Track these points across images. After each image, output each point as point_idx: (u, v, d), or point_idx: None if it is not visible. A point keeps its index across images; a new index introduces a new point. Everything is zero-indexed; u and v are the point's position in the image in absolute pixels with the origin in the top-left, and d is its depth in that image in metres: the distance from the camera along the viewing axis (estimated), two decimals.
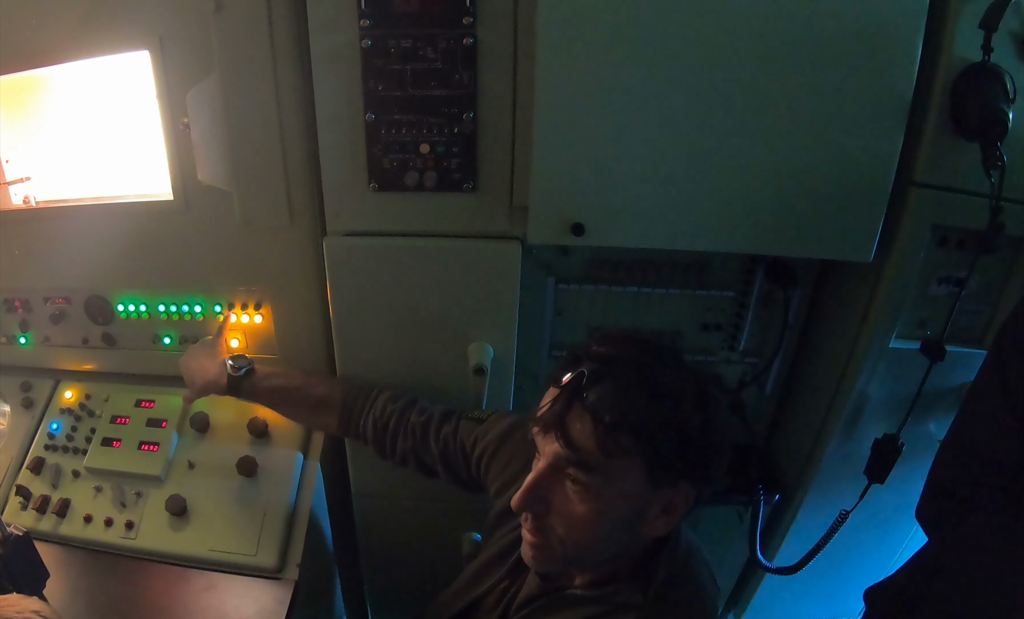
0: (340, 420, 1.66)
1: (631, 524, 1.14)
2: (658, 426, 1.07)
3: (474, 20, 1.41)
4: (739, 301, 1.86)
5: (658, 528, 1.15)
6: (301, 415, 1.76)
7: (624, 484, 1.09)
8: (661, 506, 1.13)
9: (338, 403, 1.66)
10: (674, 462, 1.09)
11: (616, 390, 1.07)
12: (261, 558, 1.65)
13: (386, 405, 1.63)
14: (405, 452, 1.60)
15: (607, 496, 1.10)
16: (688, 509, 1.14)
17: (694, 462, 1.10)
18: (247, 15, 1.45)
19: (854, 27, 1.37)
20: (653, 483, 1.10)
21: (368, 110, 1.47)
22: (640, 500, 1.11)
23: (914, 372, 1.63)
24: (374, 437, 1.63)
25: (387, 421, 1.61)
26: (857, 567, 2.09)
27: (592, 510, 1.11)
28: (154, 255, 1.77)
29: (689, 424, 1.08)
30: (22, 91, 1.75)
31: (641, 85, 1.40)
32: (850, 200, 1.51)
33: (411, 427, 1.59)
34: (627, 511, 1.12)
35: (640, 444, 1.07)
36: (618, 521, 1.13)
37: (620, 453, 1.07)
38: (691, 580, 1.25)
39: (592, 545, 1.17)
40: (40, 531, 1.68)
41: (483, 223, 1.59)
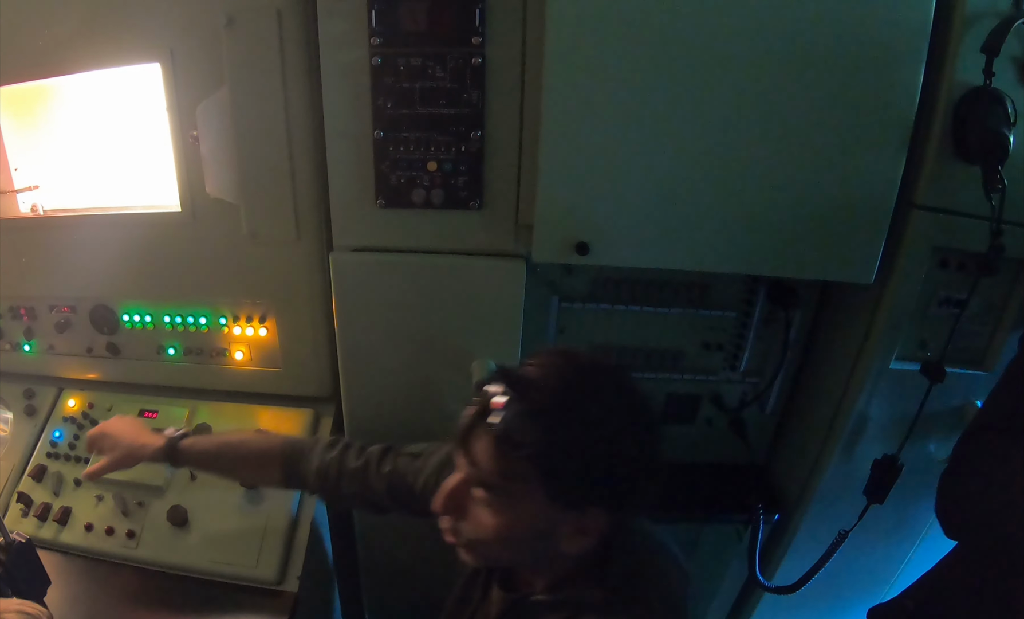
0: (283, 473, 1.58)
1: (544, 541, 1.12)
2: (558, 454, 1.04)
3: (483, 40, 1.43)
4: (741, 321, 1.87)
5: (574, 547, 1.12)
6: (244, 472, 1.67)
7: (525, 505, 1.08)
8: (572, 528, 1.10)
9: (278, 457, 1.59)
10: (577, 490, 1.07)
11: (520, 415, 1.05)
12: (261, 570, 1.66)
13: (324, 454, 1.56)
14: (352, 497, 1.55)
15: (510, 515, 1.10)
16: (608, 530, 1.12)
17: (602, 490, 1.07)
18: (258, 30, 1.47)
19: (857, 50, 1.39)
20: (559, 506, 1.07)
21: (377, 127, 1.49)
22: (546, 521, 1.09)
23: (914, 393, 1.64)
24: (318, 486, 1.57)
25: (327, 470, 1.55)
26: (856, 587, 2.09)
27: (497, 525, 1.11)
28: (160, 266, 1.78)
29: (596, 453, 1.05)
30: (32, 100, 1.77)
31: (646, 107, 1.42)
32: (852, 222, 1.52)
33: (353, 473, 1.54)
34: (532, 530, 1.11)
35: (538, 471, 1.05)
36: (525, 538, 1.12)
37: (517, 477, 1.06)
38: (653, 574, 1.23)
39: (503, 555, 1.19)
40: (41, 539, 1.68)
41: (488, 241, 1.60)
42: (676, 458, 2.08)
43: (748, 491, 1.97)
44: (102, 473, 1.60)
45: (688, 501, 1.99)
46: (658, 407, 2.00)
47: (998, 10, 1.39)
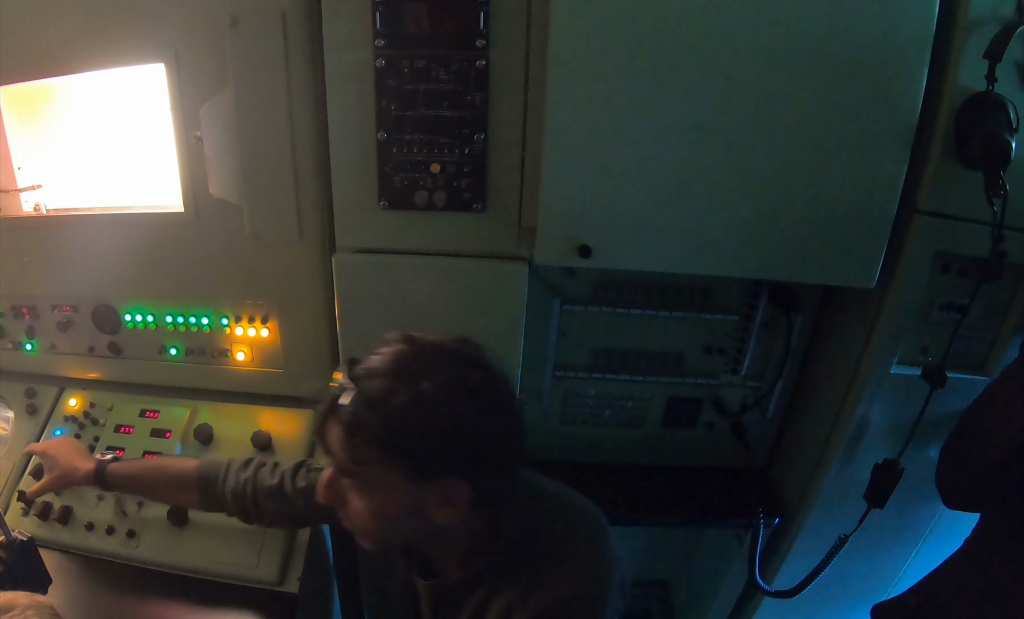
0: (200, 496, 1.59)
1: (417, 517, 1.17)
2: (396, 435, 1.09)
3: (487, 43, 1.43)
4: (742, 325, 1.88)
5: (444, 518, 1.17)
6: (165, 494, 1.66)
7: (384, 485, 1.14)
8: (436, 500, 1.15)
9: (194, 480, 1.60)
10: (424, 465, 1.12)
11: (362, 402, 1.10)
12: (262, 571, 1.66)
13: (238, 475, 1.58)
14: (272, 513, 1.56)
15: (375, 497, 1.16)
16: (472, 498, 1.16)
17: (452, 460, 1.12)
18: (262, 31, 1.48)
19: (860, 55, 1.39)
20: (414, 482, 1.13)
21: (380, 129, 1.49)
22: (409, 497, 1.14)
23: (915, 398, 1.65)
24: (236, 507, 1.58)
25: (243, 490, 1.56)
26: (856, 592, 2.09)
27: (369, 508, 1.17)
28: (163, 266, 1.79)
29: (434, 428, 1.10)
30: (36, 99, 1.77)
31: (649, 110, 1.42)
32: (854, 227, 1.52)
33: (269, 490, 1.55)
34: (402, 508, 1.16)
35: (383, 452, 1.10)
36: (396, 516, 1.18)
37: (368, 461, 1.12)
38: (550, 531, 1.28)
39: (386, 534, 1.23)
40: (42, 538, 1.66)
41: (491, 243, 1.60)
42: (677, 462, 2.09)
43: (749, 495, 1.98)
44: (39, 494, 1.68)
45: (689, 505, 2.00)
46: (656, 410, 2.01)
47: (1001, 16, 1.39)
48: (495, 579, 1.26)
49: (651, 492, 2.01)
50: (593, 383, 1.95)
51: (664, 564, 2.55)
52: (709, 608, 2.28)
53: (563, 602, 1.20)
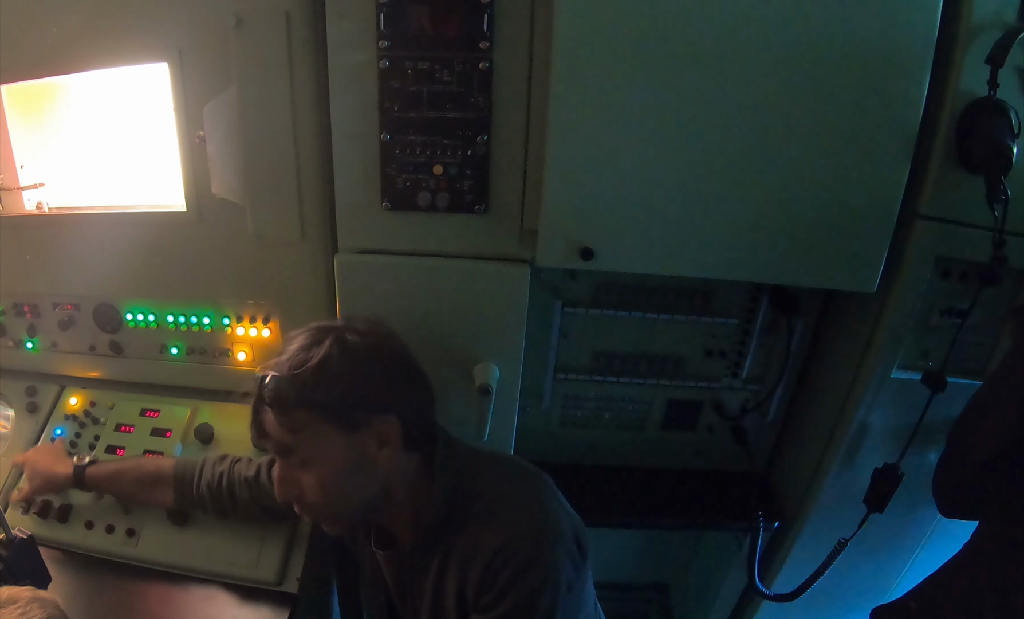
0: (175, 493, 1.64)
1: (362, 470, 1.28)
2: (319, 390, 1.22)
3: (491, 45, 1.43)
4: (743, 328, 1.88)
5: (385, 460, 1.29)
6: (141, 493, 1.69)
7: (325, 445, 1.25)
8: (374, 443, 1.27)
9: (169, 476, 1.65)
10: (352, 408, 1.25)
11: (279, 380, 1.23)
12: (261, 571, 1.66)
13: (213, 468, 1.64)
14: (247, 503, 1.61)
15: (321, 461, 1.26)
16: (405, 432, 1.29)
17: (372, 399, 1.26)
18: (266, 31, 1.48)
19: (862, 60, 1.40)
20: (349, 432, 1.25)
21: (383, 130, 1.49)
22: (350, 449, 1.26)
23: (915, 402, 1.65)
24: (211, 499, 1.63)
25: (219, 481, 1.62)
26: (855, 596, 2.10)
27: (319, 478, 1.27)
28: (165, 266, 1.78)
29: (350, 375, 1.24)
30: (39, 98, 1.77)
31: (652, 114, 1.43)
32: (855, 231, 1.53)
33: (244, 480, 1.61)
34: (346, 463, 1.27)
35: (312, 412, 1.23)
36: (347, 474, 1.28)
37: (302, 427, 1.24)
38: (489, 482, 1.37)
39: (341, 503, 1.32)
40: (41, 536, 1.65)
41: (493, 245, 1.60)
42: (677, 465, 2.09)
43: (748, 498, 1.98)
44: (25, 499, 1.70)
45: (688, 508, 2.00)
46: (657, 413, 2.02)
47: (1003, 22, 1.40)
48: (447, 542, 1.32)
49: (651, 495, 2.02)
50: (594, 385, 1.96)
51: (663, 567, 2.55)
52: (708, 611, 2.28)
53: (507, 545, 1.25)
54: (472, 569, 1.27)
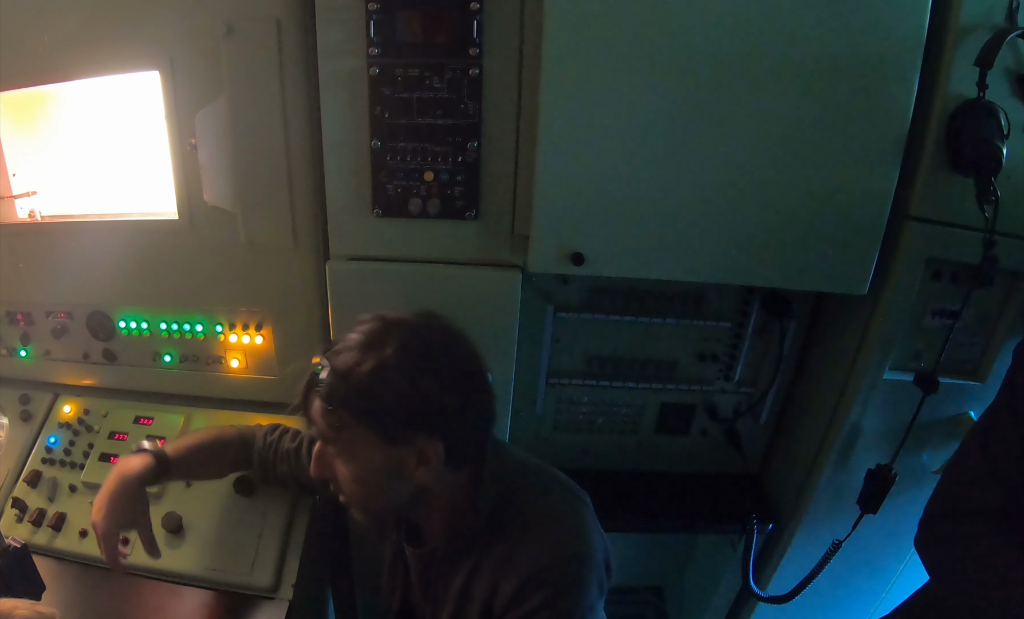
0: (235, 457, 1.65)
1: (397, 479, 1.25)
2: (367, 399, 1.19)
3: (480, 51, 1.44)
4: (735, 332, 1.89)
5: (421, 477, 1.25)
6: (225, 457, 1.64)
7: (363, 449, 1.23)
8: (413, 460, 1.23)
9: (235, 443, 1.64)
10: (396, 425, 1.21)
11: (335, 374, 1.20)
12: (256, 577, 1.65)
13: (265, 437, 1.66)
14: (285, 476, 1.64)
15: (356, 460, 1.25)
16: (445, 457, 1.23)
17: (419, 420, 1.21)
18: (257, 39, 1.48)
19: (851, 63, 1.40)
20: (388, 444, 1.22)
21: (374, 137, 1.50)
22: (387, 457, 1.23)
23: (908, 403, 1.65)
24: (259, 467, 1.65)
25: (266, 452, 1.64)
26: (850, 596, 2.10)
27: (351, 473, 1.26)
28: (157, 273, 1.78)
29: (401, 389, 1.18)
30: (31, 106, 1.77)
31: (642, 119, 1.43)
32: (846, 233, 1.53)
33: (286, 453, 1.63)
34: (380, 469, 1.24)
35: (356, 417, 1.20)
36: (379, 477, 1.26)
37: (343, 426, 1.21)
38: (534, 498, 1.34)
39: (371, 500, 1.31)
40: (35, 544, 1.66)
41: (484, 251, 1.61)
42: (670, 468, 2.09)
43: (742, 501, 1.98)
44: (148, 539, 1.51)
45: (682, 511, 2.00)
46: (650, 417, 2.02)
47: (991, 23, 1.41)
48: (480, 549, 1.31)
49: (645, 499, 2.02)
50: (587, 390, 1.96)
51: (658, 570, 2.55)
52: (704, 614, 2.28)
53: (546, 567, 1.24)
54: (505, 582, 1.26)
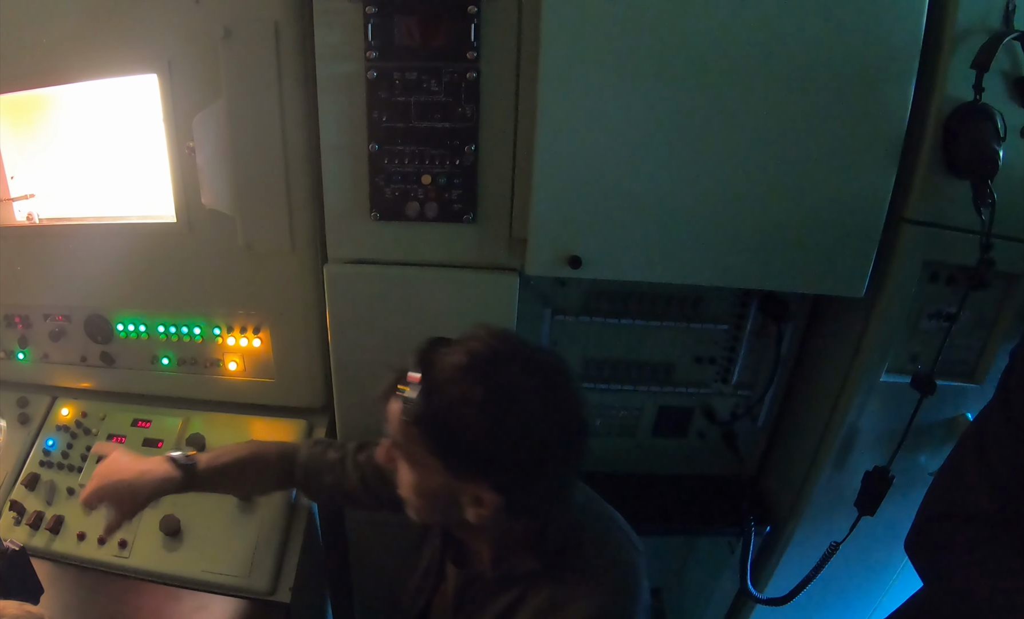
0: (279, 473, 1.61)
1: (450, 505, 1.20)
2: (442, 429, 1.13)
3: (478, 55, 1.44)
4: (732, 334, 1.89)
5: (472, 516, 1.19)
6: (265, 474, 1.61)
7: (425, 468, 1.19)
8: (469, 498, 1.18)
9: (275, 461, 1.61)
10: (463, 465, 1.15)
11: (424, 386, 1.15)
12: (254, 580, 1.65)
13: (310, 449, 1.62)
14: (331, 487, 1.59)
15: (416, 474, 1.21)
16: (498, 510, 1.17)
17: (490, 470, 1.15)
18: (255, 43, 1.48)
19: (848, 66, 1.40)
20: (452, 474, 1.16)
21: (372, 140, 1.50)
22: (445, 485, 1.18)
23: (905, 405, 1.64)
24: (303, 479, 1.60)
25: (310, 463, 1.60)
26: (847, 599, 2.10)
27: (409, 481, 1.23)
28: (155, 276, 1.79)
29: (478, 433, 1.11)
30: (29, 108, 1.77)
31: (639, 122, 1.43)
32: (843, 236, 1.53)
33: (331, 464, 1.59)
34: (436, 492, 1.20)
35: (425, 439, 1.15)
36: (433, 497, 1.22)
37: (414, 442, 1.17)
38: (593, 542, 1.30)
39: (423, 513, 1.27)
40: (33, 547, 1.66)
41: (482, 254, 1.60)
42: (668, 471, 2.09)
43: (740, 503, 1.98)
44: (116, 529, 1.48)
45: (680, 513, 2.00)
46: (648, 420, 2.02)
47: (988, 26, 1.41)
48: (527, 585, 1.27)
49: (643, 501, 2.01)
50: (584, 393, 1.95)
51: (657, 573, 2.55)
52: (701, 616, 2.28)
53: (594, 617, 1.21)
54: None
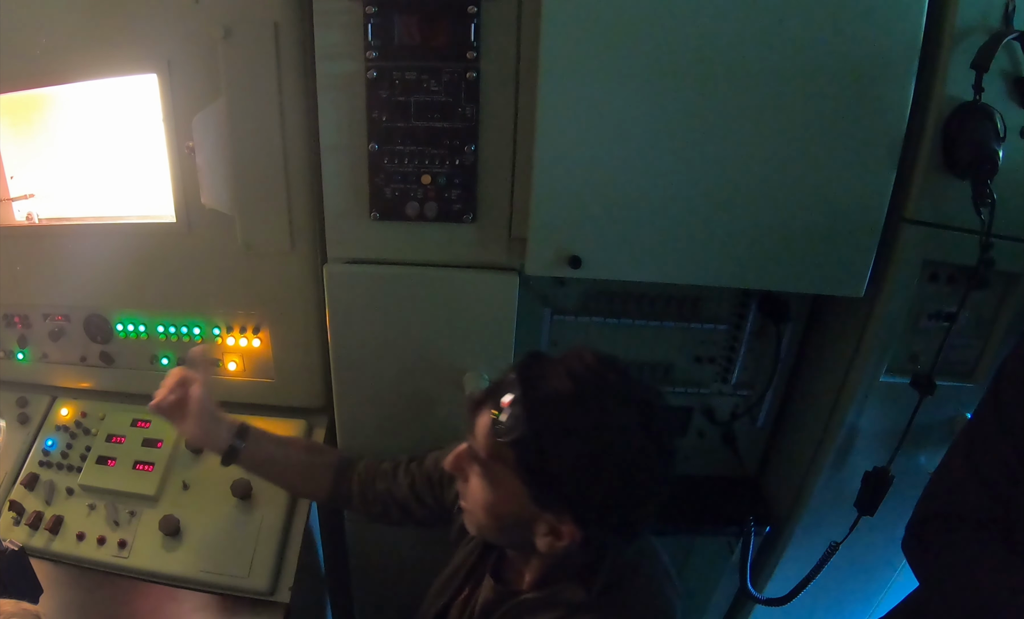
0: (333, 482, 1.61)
1: (521, 528, 1.18)
2: (537, 456, 1.09)
3: (477, 54, 1.44)
4: (732, 334, 1.89)
5: (544, 546, 1.17)
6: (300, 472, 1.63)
7: (506, 489, 1.15)
8: (547, 527, 1.15)
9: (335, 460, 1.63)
10: (553, 495, 1.11)
11: (523, 405, 1.10)
12: (253, 580, 1.65)
13: (369, 462, 1.63)
14: (383, 495, 1.59)
15: (494, 493, 1.18)
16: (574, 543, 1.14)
17: (579, 504, 1.11)
18: (255, 42, 1.48)
19: (848, 66, 1.40)
20: (535, 502, 1.13)
21: (371, 140, 1.49)
22: (524, 510, 1.15)
23: (905, 405, 1.64)
24: (359, 491, 1.60)
25: (367, 473, 1.61)
26: (848, 599, 2.10)
27: (483, 498, 1.19)
28: (155, 276, 1.79)
29: (578, 469, 1.08)
30: (29, 108, 1.78)
31: (639, 122, 1.43)
32: (842, 236, 1.53)
33: (383, 471, 1.60)
34: (511, 514, 1.17)
35: (517, 463, 1.11)
36: (505, 519, 1.19)
37: (502, 461, 1.13)
38: (641, 581, 1.26)
39: (484, 528, 1.24)
40: (33, 547, 1.67)
41: (482, 254, 1.60)
42: None
43: (739, 503, 1.98)
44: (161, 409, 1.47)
45: (679, 513, 1.99)
46: None
47: (988, 26, 1.40)
48: (570, 613, 1.23)
49: None
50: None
51: None
52: (701, 616, 2.27)
53: None
54: None
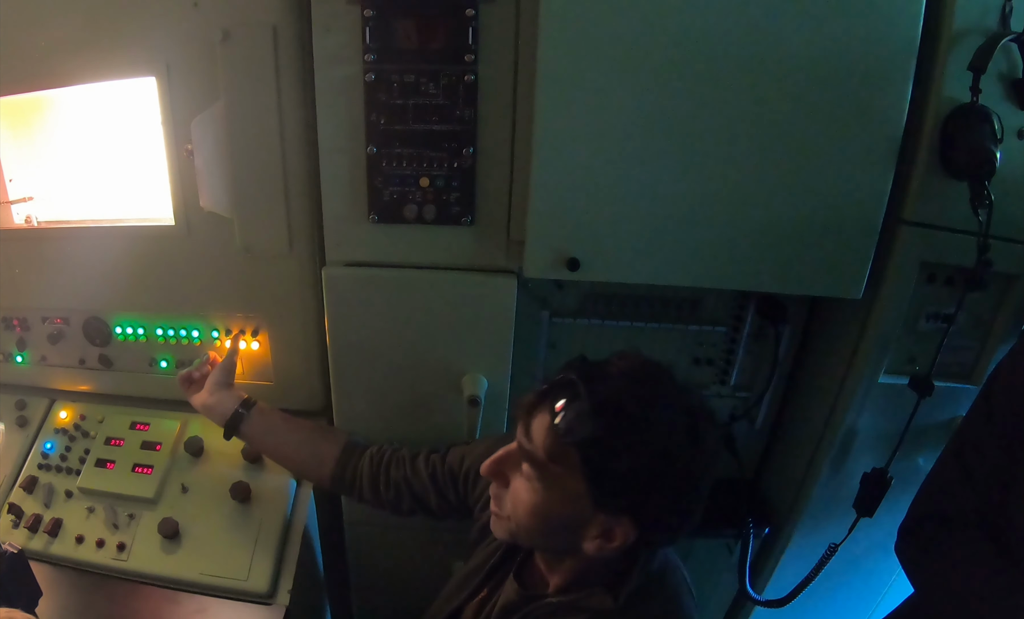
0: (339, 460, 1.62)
1: (570, 531, 1.16)
2: (605, 455, 1.09)
3: (475, 57, 1.44)
4: (730, 336, 1.89)
5: (592, 549, 1.16)
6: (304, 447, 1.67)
7: (563, 492, 1.13)
8: (599, 529, 1.14)
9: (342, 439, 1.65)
10: (615, 495, 1.11)
11: (583, 406, 1.09)
12: (252, 583, 1.65)
13: (380, 446, 1.64)
14: (398, 482, 1.58)
15: (547, 496, 1.15)
16: (626, 544, 1.14)
17: (640, 504, 1.11)
18: (253, 45, 1.48)
19: (845, 68, 1.40)
20: (593, 503, 1.12)
21: (370, 143, 1.50)
22: (578, 514, 1.14)
23: (903, 407, 1.64)
24: (369, 473, 1.60)
25: (381, 457, 1.61)
26: (846, 600, 2.10)
27: (532, 503, 1.17)
28: (154, 279, 1.78)
29: (644, 467, 1.08)
30: (28, 111, 1.78)
31: (637, 124, 1.43)
32: (840, 238, 1.53)
33: (401, 458, 1.60)
34: (563, 518, 1.16)
35: (583, 464, 1.09)
36: (555, 523, 1.17)
37: (562, 462, 1.11)
38: (666, 592, 1.28)
39: (532, 534, 1.22)
40: (31, 550, 1.67)
41: (480, 256, 1.61)
42: None
43: (738, 505, 1.98)
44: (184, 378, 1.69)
45: None
46: None
47: (985, 27, 1.41)
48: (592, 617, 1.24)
49: None
50: None
51: None
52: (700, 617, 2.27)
53: None
54: None
